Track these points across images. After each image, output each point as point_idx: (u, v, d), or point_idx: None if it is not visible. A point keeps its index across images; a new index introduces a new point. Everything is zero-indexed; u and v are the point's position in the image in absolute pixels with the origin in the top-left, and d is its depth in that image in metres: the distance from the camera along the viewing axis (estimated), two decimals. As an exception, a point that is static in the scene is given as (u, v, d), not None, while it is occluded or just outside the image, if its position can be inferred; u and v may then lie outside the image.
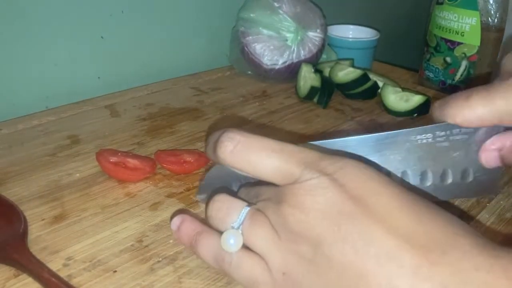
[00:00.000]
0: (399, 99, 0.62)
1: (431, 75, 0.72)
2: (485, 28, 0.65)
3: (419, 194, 0.25)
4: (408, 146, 0.31)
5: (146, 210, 0.40)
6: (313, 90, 0.63)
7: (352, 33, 0.83)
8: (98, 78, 0.66)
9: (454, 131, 0.30)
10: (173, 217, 0.33)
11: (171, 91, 0.67)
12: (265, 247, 0.26)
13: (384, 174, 0.25)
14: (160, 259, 0.35)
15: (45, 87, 0.61)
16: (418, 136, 0.30)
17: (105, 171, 0.45)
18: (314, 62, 0.71)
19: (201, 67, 0.75)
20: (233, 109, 0.62)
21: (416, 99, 0.61)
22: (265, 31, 0.69)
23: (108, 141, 0.52)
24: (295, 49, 0.69)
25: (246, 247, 0.27)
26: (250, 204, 0.28)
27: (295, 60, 0.69)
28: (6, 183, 0.43)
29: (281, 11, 0.69)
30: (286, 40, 0.69)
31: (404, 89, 0.64)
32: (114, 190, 0.43)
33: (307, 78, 0.65)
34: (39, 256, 0.34)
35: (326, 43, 0.74)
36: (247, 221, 0.27)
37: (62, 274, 0.33)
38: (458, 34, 0.67)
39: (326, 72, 0.68)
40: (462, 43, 0.67)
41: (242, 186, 0.32)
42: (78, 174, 0.45)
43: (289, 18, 0.69)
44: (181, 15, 0.72)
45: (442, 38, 0.69)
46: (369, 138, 0.31)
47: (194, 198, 0.42)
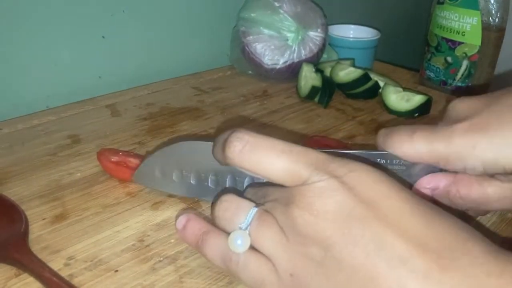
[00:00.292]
0: (400, 99, 0.62)
1: (432, 75, 0.72)
2: (486, 27, 0.65)
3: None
4: None
5: (147, 210, 0.40)
6: (314, 89, 0.63)
7: (353, 32, 0.82)
8: (99, 77, 0.66)
9: (394, 161, 0.31)
10: (178, 216, 0.33)
11: (172, 91, 0.67)
12: (272, 248, 0.26)
13: (392, 178, 0.25)
14: (161, 259, 0.35)
15: (45, 87, 0.61)
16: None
17: (106, 171, 0.45)
18: (315, 61, 0.71)
19: (201, 67, 0.75)
20: (234, 108, 0.62)
21: (417, 99, 0.61)
22: (265, 31, 0.69)
23: (109, 140, 0.52)
24: (296, 48, 0.69)
25: (254, 248, 0.27)
26: (258, 204, 0.28)
27: (296, 59, 0.69)
28: (7, 183, 0.43)
29: (281, 11, 0.69)
30: (287, 39, 0.69)
31: (405, 89, 0.64)
32: (115, 189, 0.43)
33: (308, 78, 0.65)
34: (40, 255, 0.34)
35: (327, 43, 0.74)
36: (255, 222, 0.27)
37: (63, 273, 0.33)
38: (459, 33, 0.67)
39: (327, 71, 0.68)
40: (463, 43, 0.67)
41: (248, 186, 0.32)
42: (79, 174, 0.45)
43: (289, 18, 0.69)
44: (182, 15, 0.72)
45: (443, 38, 0.69)
46: None
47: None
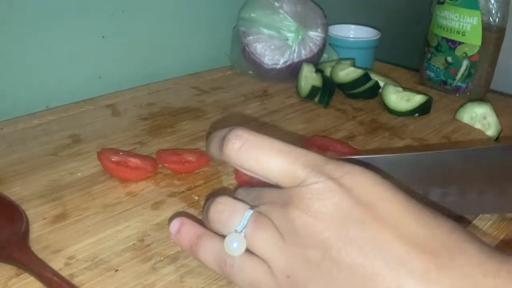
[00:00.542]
0: (400, 99, 0.62)
1: (432, 75, 0.72)
2: (486, 27, 0.65)
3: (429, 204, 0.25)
4: None
5: (148, 210, 0.40)
6: (314, 89, 0.63)
7: (353, 32, 0.83)
8: (99, 77, 0.66)
9: None
10: (171, 220, 0.32)
11: (172, 91, 0.67)
12: (269, 250, 0.26)
13: (389, 181, 0.25)
14: (161, 258, 0.35)
15: (45, 87, 0.61)
16: None
17: (106, 171, 0.45)
18: (315, 61, 0.71)
19: (202, 67, 0.75)
20: (234, 108, 0.62)
21: (417, 99, 0.61)
22: (266, 31, 0.69)
23: (109, 140, 0.52)
24: (296, 48, 0.69)
25: (249, 251, 0.27)
26: (253, 207, 0.28)
27: (296, 59, 0.69)
28: (7, 183, 0.43)
29: (282, 11, 0.69)
30: (287, 39, 0.69)
31: (405, 88, 0.64)
32: (116, 189, 0.43)
33: (308, 78, 0.65)
34: (41, 255, 0.34)
35: (327, 43, 0.74)
36: (251, 224, 0.26)
37: (64, 273, 0.33)
38: (459, 33, 0.67)
39: (327, 71, 0.68)
40: (463, 43, 0.67)
41: (240, 188, 0.32)
42: (79, 174, 0.45)
43: (290, 18, 0.69)
44: (182, 15, 0.72)
45: (443, 38, 0.69)
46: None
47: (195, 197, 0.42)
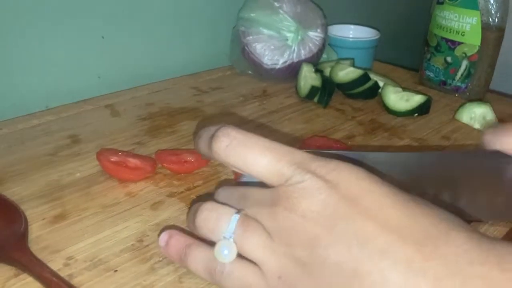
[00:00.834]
0: (400, 99, 0.62)
1: (432, 75, 0.72)
2: (485, 27, 0.65)
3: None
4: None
5: (147, 210, 0.40)
6: (313, 89, 0.63)
7: (352, 33, 0.83)
8: (99, 77, 0.66)
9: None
10: (160, 233, 0.31)
11: (172, 91, 0.67)
12: (260, 253, 0.26)
13: (375, 175, 0.25)
14: (160, 259, 0.35)
15: (45, 87, 0.61)
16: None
17: (105, 171, 0.45)
18: (315, 62, 0.71)
19: (201, 67, 0.75)
20: (233, 108, 0.62)
21: (416, 99, 0.61)
22: (265, 31, 0.69)
23: (108, 140, 0.52)
24: (296, 48, 0.69)
25: (238, 255, 0.27)
26: (239, 210, 0.27)
27: (296, 60, 0.69)
28: (6, 183, 0.43)
29: (281, 11, 0.69)
30: (287, 39, 0.69)
31: (404, 89, 0.64)
32: (115, 189, 0.43)
33: (308, 78, 0.65)
34: (40, 255, 0.34)
35: (327, 43, 0.74)
36: (239, 228, 0.26)
37: (63, 273, 0.33)
38: (458, 33, 0.67)
39: (327, 72, 0.68)
40: (462, 43, 0.67)
41: (219, 187, 0.30)
42: (78, 174, 0.45)
43: (289, 18, 0.69)
44: (181, 15, 0.72)
45: (443, 38, 0.69)
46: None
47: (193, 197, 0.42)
